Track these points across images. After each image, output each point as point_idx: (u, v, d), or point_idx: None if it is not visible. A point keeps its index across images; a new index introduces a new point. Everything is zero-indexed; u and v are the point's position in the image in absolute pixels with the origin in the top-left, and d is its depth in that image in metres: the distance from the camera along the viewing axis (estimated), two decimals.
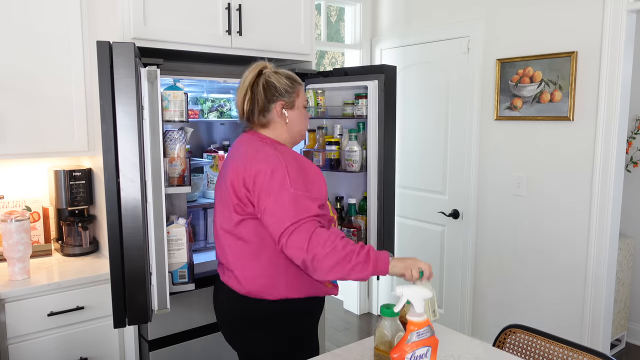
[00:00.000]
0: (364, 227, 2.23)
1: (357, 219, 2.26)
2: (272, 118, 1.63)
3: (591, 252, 2.58)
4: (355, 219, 2.26)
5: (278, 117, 1.63)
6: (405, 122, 3.47)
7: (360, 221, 2.25)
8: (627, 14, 2.39)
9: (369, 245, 1.50)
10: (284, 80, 1.63)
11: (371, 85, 2.12)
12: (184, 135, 1.90)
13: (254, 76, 1.63)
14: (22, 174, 2.40)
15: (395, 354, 1.17)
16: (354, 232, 2.22)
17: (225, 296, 1.66)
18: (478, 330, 3.14)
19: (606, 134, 2.48)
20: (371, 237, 2.21)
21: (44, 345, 1.93)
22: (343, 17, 3.89)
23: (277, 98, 1.62)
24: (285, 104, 1.63)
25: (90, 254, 2.33)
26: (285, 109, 1.63)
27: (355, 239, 2.22)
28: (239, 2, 2.20)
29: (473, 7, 3.00)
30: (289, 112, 1.64)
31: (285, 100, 1.63)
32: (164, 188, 1.73)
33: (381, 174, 2.14)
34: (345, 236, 1.49)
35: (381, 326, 1.34)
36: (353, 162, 2.23)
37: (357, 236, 2.22)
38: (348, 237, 2.05)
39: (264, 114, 1.62)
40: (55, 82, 2.18)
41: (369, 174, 2.17)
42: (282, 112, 1.63)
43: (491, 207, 3.01)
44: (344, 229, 2.25)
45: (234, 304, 1.63)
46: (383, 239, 2.20)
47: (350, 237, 2.22)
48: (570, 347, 1.51)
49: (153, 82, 1.67)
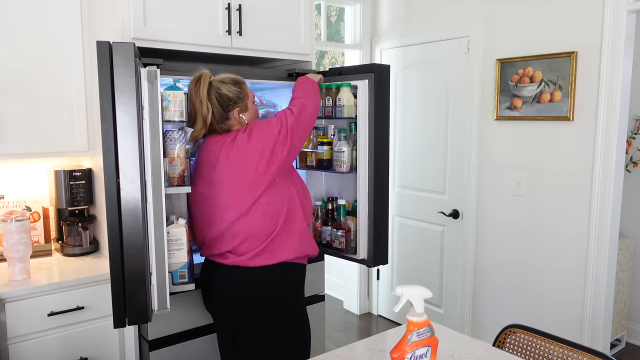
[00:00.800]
0: (354, 228, 2.22)
1: (347, 221, 2.25)
2: (231, 123, 1.87)
3: (591, 252, 2.58)
4: (345, 221, 2.24)
5: (236, 121, 1.87)
6: (405, 122, 3.47)
7: (351, 223, 2.23)
8: (627, 14, 2.39)
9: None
10: (233, 88, 1.85)
11: (361, 84, 2.10)
12: (184, 135, 1.89)
13: (207, 88, 1.83)
14: (22, 174, 2.40)
15: (395, 354, 1.17)
16: (343, 233, 2.20)
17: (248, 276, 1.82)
18: (478, 330, 3.14)
19: (606, 134, 2.49)
20: (361, 239, 2.17)
21: (44, 345, 1.94)
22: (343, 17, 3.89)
23: (233, 106, 1.85)
24: (240, 108, 1.86)
25: (90, 254, 2.33)
26: (241, 112, 1.87)
27: (344, 240, 2.21)
28: (239, 2, 2.20)
29: (473, 7, 3.00)
30: (245, 114, 1.88)
31: (240, 105, 1.86)
32: (164, 188, 1.73)
33: (371, 175, 2.12)
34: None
35: None
36: (342, 162, 2.21)
37: (346, 238, 2.20)
38: (337, 239, 2.23)
39: (224, 122, 1.86)
40: (55, 82, 2.18)
41: (358, 175, 2.15)
42: (240, 117, 1.87)
43: (491, 207, 3.01)
44: (333, 230, 2.24)
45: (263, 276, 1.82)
46: (375, 242, 2.16)
47: (339, 238, 2.22)
48: (570, 347, 1.51)
49: (153, 82, 1.67)
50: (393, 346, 1.20)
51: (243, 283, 1.83)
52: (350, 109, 2.17)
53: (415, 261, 3.53)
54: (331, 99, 2.23)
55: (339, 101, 2.17)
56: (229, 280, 1.85)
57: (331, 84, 2.22)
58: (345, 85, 2.16)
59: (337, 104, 2.20)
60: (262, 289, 1.83)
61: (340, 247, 2.21)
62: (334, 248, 2.24)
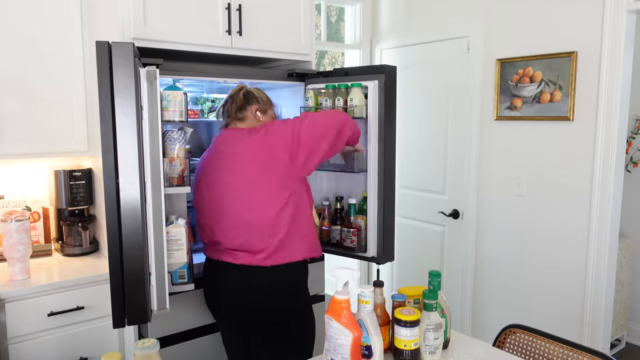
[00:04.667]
0: (364, 227, 2.24)
1: (357, 219, 2.26)
2: (247, 114, 1.95)
3: (591, 252, 2.58)
4: (355, 219, 2.26)
5: (252, 115, 1.95)
6: (405, 122, 3.47)
7: (360, 221, 2.25)
8: (627, 14, 2.39)
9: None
10: (262, 93, 2.01)
11: (371, 85, 2.12)
12: (183, 135, 1.90)
13: (237, 90, 1.99)
14: (22, 174, 2.40)
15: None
16: (354, 232, 2.22)
17: (265, 274, 1.84)
18: (478, 330, 3.14)
19: (606, 134, 2.48)
20: (371, 237, 2.20)
21: (44, 345, 1.94)
22: (343, 17, 3.89)
23: (254, 102, 1.96)
24: (260, 108, 1.96)
25: (90, 254, 2.33)
26: (259, 112, 1.96)
27: (356, 239, 2.22)
28: (239, 2, 2.20)
29: (473, 7, 3.00)
30: (262, 115, 1.96)
31: (260, 105, 1.97)
32: (164, 188, 1.73)
33: (381, 174, 2.15)
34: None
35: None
36: (352, 162, 2.24)
37: (357, 236, 2.22)
38: (349, 237, 2.24)
39: (241, 111, 1.95)
40: (55, 82, 2.18)
41: (369, 174, 2.18)
42: (256, 114, 1.95)
43: (491, 207, 3.01)
44: (344, 229, 2.26)
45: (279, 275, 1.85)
46: (383, 240, 2.20)
47: (350, 237, 2.23)
48: (570, 347, 1.51)
49: (152, 82, 1.67)
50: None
51: (258, 283, 1.84)
52: (361, 109, 2.18)
53: (415, 261, 3.53)
54: (342, 99, 2.24)
55: (351, 101, 2.18)
56: (243, 280, 1.85)
57: (341, 84, 2.22)
58: (356, 85, 2.17)
59: (348, 104, 2.21)
60: (276, 291, 1.85)
61: (352, 245, 2.23)
62: (344, 247, 2.26)
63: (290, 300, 1.90)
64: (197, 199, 1.97)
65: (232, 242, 1.85)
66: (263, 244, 1.82)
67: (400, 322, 1.35)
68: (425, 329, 1.35)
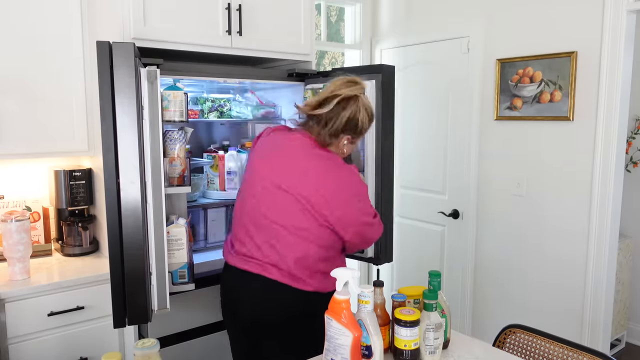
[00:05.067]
0: None
1: None
2: (332, 142, 1.75)
3: (591, 252, 2.58)
4: None
5: (336, 145, 1.76)
6: (405, 122, 3.47)
7: None
8: (627, 14, 2.39)
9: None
10: (368, 120, 1.75)
11: (369, 85, 2.12)
12: (183, 135, 1.90)
13: (348, 97, 1.70)
14: (22, 174, 2.40)
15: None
16: None
17: (282, 290, 1.69)
18: (478, 330, 3.14)
19: (606, 134, 2.48)
20: None
21: (44, 345, 1.94)
22: (343, 17, 3.89)
23: (349, 132, 1.73)
24: (352, 139, 1.76)
25: (91, 254, 2.33)
26: (349, 142, 1.77)
27: None
28: (239, 2, 2.20)
29: (473, 7, 3.00)
30: (347, 146, 1.78)
31: (355, 138, 1.77)
32: (164, 188, 1.73)
33: (379, 174, 2.14)
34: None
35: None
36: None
37: None
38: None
39: (330, 137, 1.73)
40: (55, 82, 2.18)
41: (366, 174, 2.17)
42: (343, 145, 1.76)
43: (491, 207, 3.01)
44: None
45: (291, 297, 1.69)
46: (380, 240, 2.19)
47: None
48: (570, 347, 1.51)
49: (153, 82, 1.68)
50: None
51: (282, 300, 1.72)
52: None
53: (415, 261, 3.53)
54: None
55: None
56: (267, 291, 1.72)
57: None
58: None
59: None
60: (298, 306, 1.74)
61: None
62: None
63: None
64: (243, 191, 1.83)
65: (257, 242, 1.73)
66: (299, 272, 1.70)
67: (400, 322, 1.35)
68: (425, 329, 1.35)
